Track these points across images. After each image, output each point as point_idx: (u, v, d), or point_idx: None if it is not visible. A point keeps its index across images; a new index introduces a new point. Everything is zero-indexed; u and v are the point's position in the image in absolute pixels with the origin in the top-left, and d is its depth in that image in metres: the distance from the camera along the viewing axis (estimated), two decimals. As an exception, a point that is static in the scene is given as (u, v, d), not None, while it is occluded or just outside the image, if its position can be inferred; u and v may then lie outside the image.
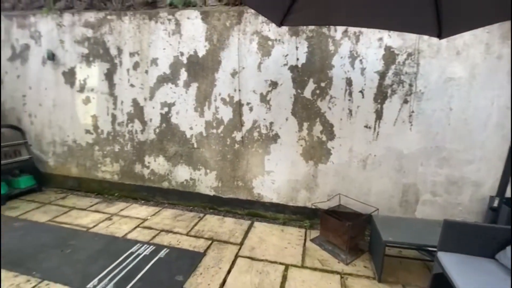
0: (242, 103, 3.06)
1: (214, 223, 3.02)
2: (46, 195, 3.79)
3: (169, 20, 3.21)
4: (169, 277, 2.13)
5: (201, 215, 3.22)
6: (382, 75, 2.62)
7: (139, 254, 2.41)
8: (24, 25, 3.83)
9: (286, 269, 2.26)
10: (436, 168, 2.63)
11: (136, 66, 3.39)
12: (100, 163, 3.76)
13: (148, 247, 2.52)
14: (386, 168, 2.75)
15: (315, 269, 2.27)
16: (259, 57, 2.95)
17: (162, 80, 3.31)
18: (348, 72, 2.69)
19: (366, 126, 2.73)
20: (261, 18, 2.92)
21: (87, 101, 3.67)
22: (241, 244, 2.62)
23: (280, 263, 2.33)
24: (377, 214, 2.43)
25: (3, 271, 2.16)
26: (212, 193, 3.32)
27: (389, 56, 2.57)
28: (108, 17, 3.44)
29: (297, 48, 2.82)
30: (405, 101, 2.61)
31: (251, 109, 3.03)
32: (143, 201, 3.61)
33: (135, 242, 2.61)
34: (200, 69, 3.16)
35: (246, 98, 3.04)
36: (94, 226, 2.91)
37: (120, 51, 3.44)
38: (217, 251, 2.49)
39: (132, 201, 3.61)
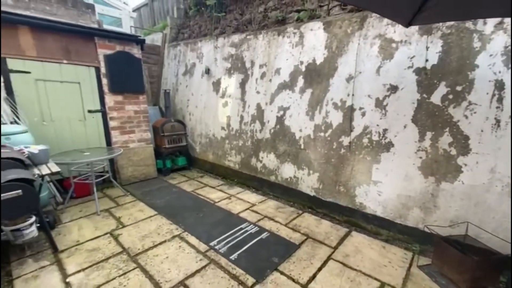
0: (354, 108, 3.01)
1: (310, 222, 3.12)
2: (192, 173, 5.12)
3: (294, 33, 3.61)
4: (267, 256, 2.44)
5: (300, 211, 3.40)
6: (561, 74, 1.90)
7: (246, 231, 2.88)
8: (194, 49, 5.34)
9: (381, 287, 2.06)
10: None
11: (263, 75, 4.02)
12: (228, 154, 4.67)
13: (253, 227, 2.96)
14: (556, 202, 1.95)
15: (418, 298, 1.96)
16: (379, 60, 2.83)
17: (282, 87, 3.75)
18: (499, 73, 2.13)
19: (523, 142, 2.06)
20: (386, 20, 2.81)
21: (225, 104, 4.67)
22: (335, 248, 2.59)
23: (376, 279, 2.15)
24: (526, 259, 1.79)
25: (165, 218, 3.16)
26: (312, 193, 3.43)
27: None
28: (248, 37, 4.27)
29: (427, 48, 2.51)
30: None
31: (363, 114, 2.94)
32: (253, 189, 4.20)
33: (245, 220, 3.12)
34: (316, 75, 3.36)
35: (359, 103, 2.97)
36: (218, 202, 3.68)
37: (252, 64, 4.18)
38: (310, 248, 2.59)
39: (246, 188, 4.27)
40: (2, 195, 1.95)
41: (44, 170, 2.52)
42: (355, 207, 3.02)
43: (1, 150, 2.40)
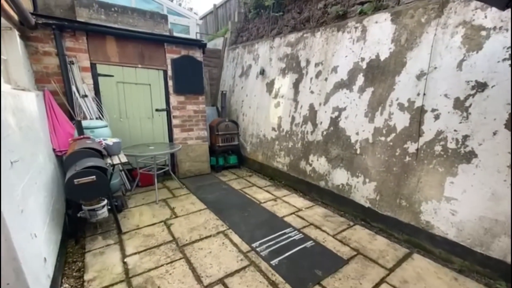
0: (425, 109, 2.57)
1: (363, 236, 2.78)
2: (241, 171, 5.22)
3: (356, 28, 3.31)
4: (309, 267, 2.27)
5: (351, 223, 3.08)
6: None
7: (290, 237, 2.76)
8: (251, 51, 5.44)
9: (449, 329, 1.68)
10: None
11: (318, 74, 3.81)
12: (277, 155, 4.59)
13: (297, 234, 2.81)
14: None
15: None
16: (462, 53, 2.35)
17: (338, 86, 3.48)
18: None
19: None
20: (474, 3, 2.32)
21: (277, 105, 4.60)
22: (391, 270, 2.24)
23: (442, 317, 1.77)
24: None
25: (212, 213, 3.28)
26: (367, 204, 3.05)
27: None
28: (304, 35, 4.12)
29: (532, 34, 1.96)
30: None
31: (436, 117, 2.47)
32: (301, 193, 4.01)
33: (289, 225, 2.99)
34: (379, 73, 3.01)
35: (432, 103, 2.52)
36: (264, 202, 3.64)
37: (308, 62, 4.01)
38: (360, 265, 2.30)
39: (293, 191, 4.12)
40: (80, 179, 2.31)
41: (116, 160, 2.90)
42: (420, 226, 2.55)
43: (86, 141, 2.87)
